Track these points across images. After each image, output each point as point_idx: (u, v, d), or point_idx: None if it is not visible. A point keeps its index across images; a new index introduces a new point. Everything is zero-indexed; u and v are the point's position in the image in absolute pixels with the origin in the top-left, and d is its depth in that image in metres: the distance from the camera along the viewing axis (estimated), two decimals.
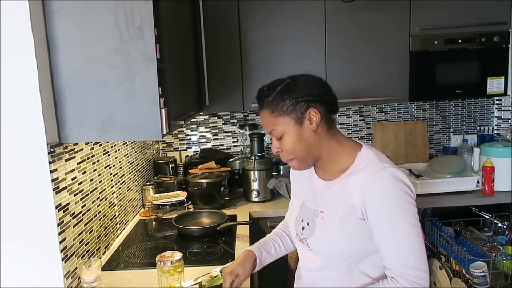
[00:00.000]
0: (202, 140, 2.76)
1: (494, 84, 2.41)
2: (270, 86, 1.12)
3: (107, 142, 1.77)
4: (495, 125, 2.77)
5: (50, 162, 1.19)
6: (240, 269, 1.25)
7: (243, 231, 1.90)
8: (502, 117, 2.71)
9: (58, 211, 1.24)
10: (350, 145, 1.13)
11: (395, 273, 1.02)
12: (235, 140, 2.77)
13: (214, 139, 2.76)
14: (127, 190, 2.04)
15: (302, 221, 1.19)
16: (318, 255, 1.15)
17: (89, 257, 1.48)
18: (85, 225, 1.47)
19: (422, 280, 1.01)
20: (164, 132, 1.27)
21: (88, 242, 1.50)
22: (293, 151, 1.11)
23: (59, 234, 1.23)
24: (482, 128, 2.77)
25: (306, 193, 1.22)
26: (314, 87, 1.09)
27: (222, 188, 2.24)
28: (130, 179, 2.10)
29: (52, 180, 1.20)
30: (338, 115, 2.76)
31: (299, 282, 1.26)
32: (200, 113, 2.59)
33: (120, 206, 1.92)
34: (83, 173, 1.47)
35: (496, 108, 2.77)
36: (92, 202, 1.56)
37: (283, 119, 1.08)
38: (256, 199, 2.32)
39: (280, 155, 1.15)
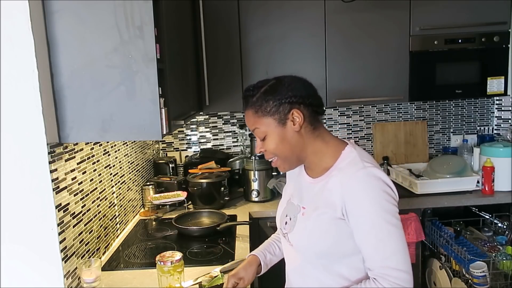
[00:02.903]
0: (202, 140, 2.76)
1: (494, 84, 2.41)
2: (256, 86, 1.13)
3: (107, 142, 1.77)
4: (495, 125, 2.77)
5: (50, 162, 1.19)
6: (243, 272, 1.28)
7: (243, 231, 1.90)
8: (502, 117, 2.71)
9: (58, 211, 1.24)
10: (335, 144, 1.14)
11: (376, 274, 1.02)
12: (235, 140, 2.77)
13: (214, 139, 2.76)
14: (127, 190, 2.04)
15: (286, 216, 1.20)
16: (297, 250, 1.16)
17: (89, 257, 1.48)
18: (85, 225, 1.47)
19: (403, 281, 0.99)
20: (164, 132, 1.27)
21: (88, 242, 1.50)
22: (275, 151, 1.12)
23: (59, 234, 1.23)
24: (482, 128, 2.77)
25: (294, 189, 1.24)
26: (298, 89, 1.10)
27: (222, 188, 2.24)
28: (130, 179, 2.10)
29: (52, 180, 1.20)
30: (338, 115, 2.76)
31: (287, 282, 1.28)
32: (200, 113, 2.59)
33: (120, 206, 1.92)
34: (83, 173, 1.47)
35: (496, 108, 2.77)
36: (92, 202, 1.56)
37: (266, 120, 1.10)
38: (256, 199, 2.32)
39: (264, 155, 1.16)
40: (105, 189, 1.71)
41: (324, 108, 1.17)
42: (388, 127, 2.75)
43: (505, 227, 2.19)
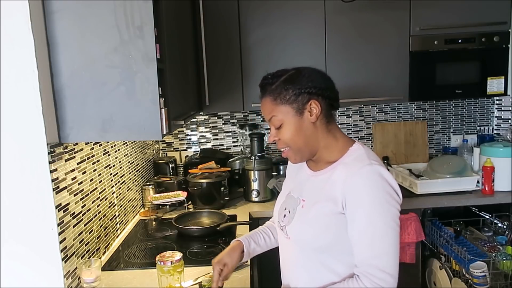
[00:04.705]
0: (202, 140, 2.76)
1: (494, 84, 2.41)
2: (275, 75, 1.14)
3: (107, 142, 1.77)
4: (495, 125, 2.78)
5: (50, 162, 1.19)
6: (228, 258, 1.27)
7: (243, 231, 1.90)
8: (502, 117, 2.71)
9: (58, 211, 1.24)
10: (344, 141, 1.15)
11: (361, 272, 1.02)
12: (235, 140, 2.77)
13: (214, 139, 2.77)
14: (127, 190, 2.04)
15: (285, 209, 1.20)
16: (294, 243, 1.16)
17: (89, 257, 1.48)
18: (85, 225, 1.47)
19: (387, 284, 0.99)
20: (164, 132, 1.27)
21: (88, 242, 1.50)
22: (290, 141, 1.12)
23: (59, 234, 1.23)
24: (482, 128, 2.77)
25: (294, 182, 1.24)
26: (318, 81, 1.11)
27: (222, 188, 2.24)
28: (130, 179, 2.10)
29: (52, 180, 1.20)
30: (338, 115, 2.76)
31: (283, 278, 1.27)
32: (200, 113, 2.59)
33: (120, 206, 1.92)
34: (83, 173, 1.47)
35: (496, 108, 2.77)
36: (92, 202, 1.56)
37: (284, 108, 1.10)
38: (256, 199, 2.32)
39: (277, 144, 1.16)
40: (105, 189, 1.71)
41: (339, 103, 1.18)
42: (388, 127, 2.75)
43: (505, 227, 2.19)
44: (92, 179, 1.57)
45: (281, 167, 2.44)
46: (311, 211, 1.10)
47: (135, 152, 2.21)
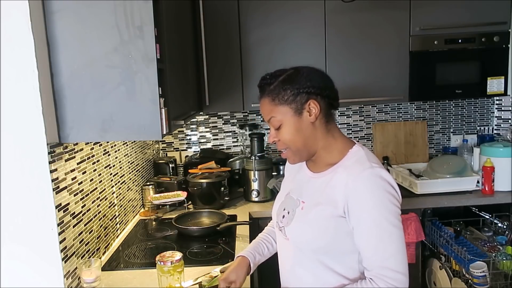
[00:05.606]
0: (202, 140, 2.76)
1: (494, 84, 2.41)
2: (273, 75, 1.13)
3: (107, 142, 1.77)
4: (495, 125, 2.78)
5: (50, 162, 1.19)
6: (234, 275, 1.26)
7: (243, 231, 1.90)
8: (502, 117, 2.71)
9: (58, 211, 1.24)
10: (344, 142, 1.14)
11: (374, 275, 1.02)
12: (235, 140, 2.77)
13: (214, 139, 2.77)
14: (127, 190, 2.04)
15: (284, 209, 1.20)
16: (293, 244, 1.16)
17: (89, 257, 1.48)
18: (85, 225, 1.47)
19: (400, 283, 1.00)
20: (164, 132, 1.27)
21: (88, 242, 1.50)
22: (289, 142, 1.12)
23: (59, 234, 1.23)
24: (482, 128, 2.77)
25: (293, 183, 1.24)
26: (316, 80, 1.10)
27: (222, 188, 2.24)
28: (130, 179, 2.10)
29: (52, 180, 1.20)
30: (338, 115, 2.76)
31: (282, 278, 1.27)
32: (200, 113, 2.59)
33: (120, 206, 1.92)
34: (83, 173, 1.47)
35: (496, 108, 2.77)
36: (92, 202, 1.56)
37: (282, 108, 1.09)
38: (256, 199, 2.32)
39: (276, 144, 1.16)
40: (105, 189, 1.71)
41: (339, 103, 1.17)
42: (388, 127, 2.75)
43: (505, 227, 2.19)
44: (92, 179, 1.57)
45: (281, 167, 2.44)
46: (311, 213, 1.10)
47: (135, 152, 2.21)
